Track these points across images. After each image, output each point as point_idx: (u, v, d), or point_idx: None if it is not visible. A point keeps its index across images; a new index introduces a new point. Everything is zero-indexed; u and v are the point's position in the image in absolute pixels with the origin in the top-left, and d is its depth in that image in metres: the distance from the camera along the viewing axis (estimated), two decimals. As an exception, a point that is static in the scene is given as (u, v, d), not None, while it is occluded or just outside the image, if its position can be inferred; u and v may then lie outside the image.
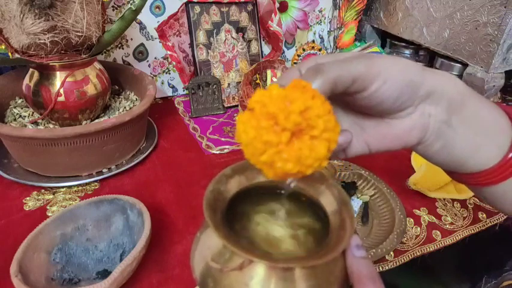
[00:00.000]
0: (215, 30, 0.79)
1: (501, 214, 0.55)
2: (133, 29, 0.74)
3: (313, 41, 0.99)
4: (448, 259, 0.54)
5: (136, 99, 0.67)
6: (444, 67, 0.85)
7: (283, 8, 0.89)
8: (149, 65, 0.79)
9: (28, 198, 0.52)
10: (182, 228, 0.49)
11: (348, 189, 0.57)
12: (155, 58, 0.79)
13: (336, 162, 0.61)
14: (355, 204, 0.55)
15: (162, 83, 0.83)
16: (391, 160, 0.65)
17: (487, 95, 0.76)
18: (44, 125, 0.58)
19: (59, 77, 0.54)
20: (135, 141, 0.61)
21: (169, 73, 0.82)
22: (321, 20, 0.97)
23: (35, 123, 0.58)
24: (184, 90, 0.85)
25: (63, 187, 0.54)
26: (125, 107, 0.64)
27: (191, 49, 0.78)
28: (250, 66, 0.81)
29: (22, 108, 0.60)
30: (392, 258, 0.46)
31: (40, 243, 0.39)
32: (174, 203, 0.53)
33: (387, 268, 0.46)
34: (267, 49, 0.91)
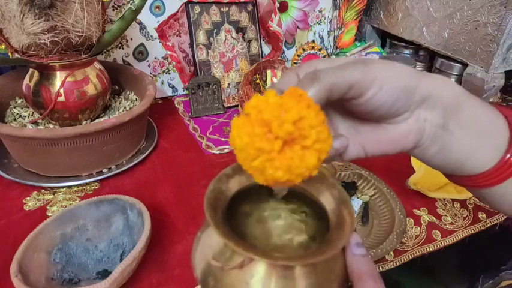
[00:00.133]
0: (215, 30, 0.79)
1: (501, 214, 0.55)
2: (133, 29, 0.74)
3: (313, 41, 0.99)
4: (448, 259, 0.54)
5: (136, 99, 0.67)
6: (444, 67, 0.85)
7: (283, 8, 0.89)
8: (149, 65, 0.79)
9: (28, 198, 0.52)
10: (182, 228, 0.49)
11: (348, 189, 0.57)
12: (155, 58, 0.79)
13: (336, 162, 0.61)
14: (355, 204, 0.55)
15: (162, 83, 0.83)
16: (391, 160, 0.65)
17: (487, 95, 0.76)
18: (44, 125, 0.58)
19: (59, 77, 0.54)
20: (135, 141, 0.61)
21: (169, 73, 0.82)
22: (321, 20, 0.97)
23: (35, 123, 0.58)
24: (184, 90, 0.85)
25: (63, 187, 0.54)
26: (125, 107, 0.64)
27: (191, 49, 0.78)
28: (250, 66, 0.81)
29: (22, 108, 0.60)
30: (392, 258, 0.46)
31: (40, 243, 0.39)
32: (174, 203, 0.53)
33: (387, 268, 0.46)
34: (267, 49, 0.91)
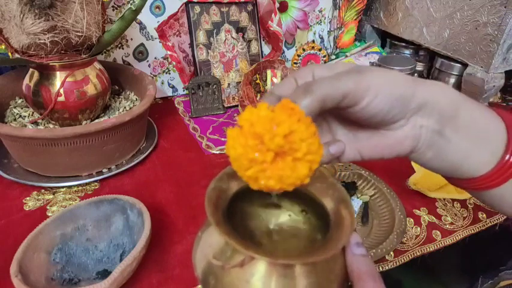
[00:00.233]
0: (215, 30, 0.79)
1: (501, 214, 0.55)
2: (133, 29, 0.74)
3: (313, 41, 0.99)
4: (448, 259, 0.54)
5: (136, 99, 0.67)
6: (444, 67, 0.85)
7: (283, 8, 0.89)
8: (149, 65, 0.79)
9: (28, 198, 0.52)
10: (182, 228, 0.49)
11: (348, 189, 0.57)
12: (155, 58, 0.79)
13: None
14: (355, 204, 0.55)
15: (162, 83, 0.83)
16: (391, 160, 0.65)
17: (487, 95, 0.76)
18: (44, 125, 0.58)
19: (59, 77, 0.54)
20: (135, 141, 0.61)
21: (169, 73, 0.82)
22: (321, 20, 0.97)
23: (35, 123, 0.58)
24: (184, 90, 0.85)
25: (63, 187, 0.54)
26: (125, 107, 0.64)
27: (191, 49, 0.78)
28: (250, 66, 0.81)
29: (22, 108, 0.60)
30: (392, 258, 0.46)
31: (40, 243, 0.39)
32: (174, 203, 0.53)
33: (387, 268, 0.46)
34: (267, 49, 0.91)
